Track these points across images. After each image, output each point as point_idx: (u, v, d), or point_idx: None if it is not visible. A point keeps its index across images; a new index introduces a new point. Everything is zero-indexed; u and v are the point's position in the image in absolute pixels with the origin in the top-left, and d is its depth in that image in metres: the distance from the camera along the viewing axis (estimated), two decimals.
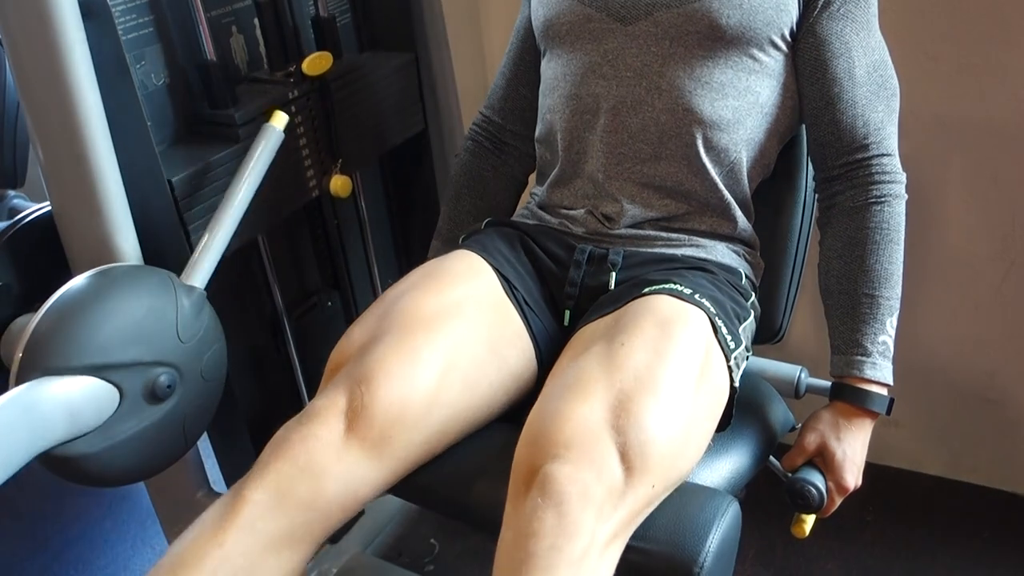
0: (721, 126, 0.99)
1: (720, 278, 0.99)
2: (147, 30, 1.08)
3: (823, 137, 1.01)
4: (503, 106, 1.21)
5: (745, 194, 1.04)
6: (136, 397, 0.96)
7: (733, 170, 1.02)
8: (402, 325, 0.90)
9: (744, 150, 1.01)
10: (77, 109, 0.92)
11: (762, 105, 1.01)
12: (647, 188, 1.02)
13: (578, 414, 0.77)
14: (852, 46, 0.98)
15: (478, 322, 0.94)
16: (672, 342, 0.84)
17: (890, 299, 0.97)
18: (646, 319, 0.86)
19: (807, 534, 0.99)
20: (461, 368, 0.90)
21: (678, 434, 0.79)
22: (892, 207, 0.98)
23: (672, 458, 0.79)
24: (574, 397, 0.79)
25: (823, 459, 0.96)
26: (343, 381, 0.87)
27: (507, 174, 1.22)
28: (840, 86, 0.98)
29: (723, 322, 0.90)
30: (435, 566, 1.57)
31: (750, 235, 1.07)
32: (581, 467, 0.74)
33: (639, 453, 0.75)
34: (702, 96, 0.98)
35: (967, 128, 1.32)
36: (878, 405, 0.95)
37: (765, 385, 1.09)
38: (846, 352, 0.97)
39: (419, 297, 0.93)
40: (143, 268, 1.00)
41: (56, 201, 1.00)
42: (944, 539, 1.50)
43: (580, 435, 0.75)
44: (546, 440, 0.77)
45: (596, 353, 0.84)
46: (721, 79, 0.98)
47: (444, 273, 0.98)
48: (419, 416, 0.87)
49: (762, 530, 1.52)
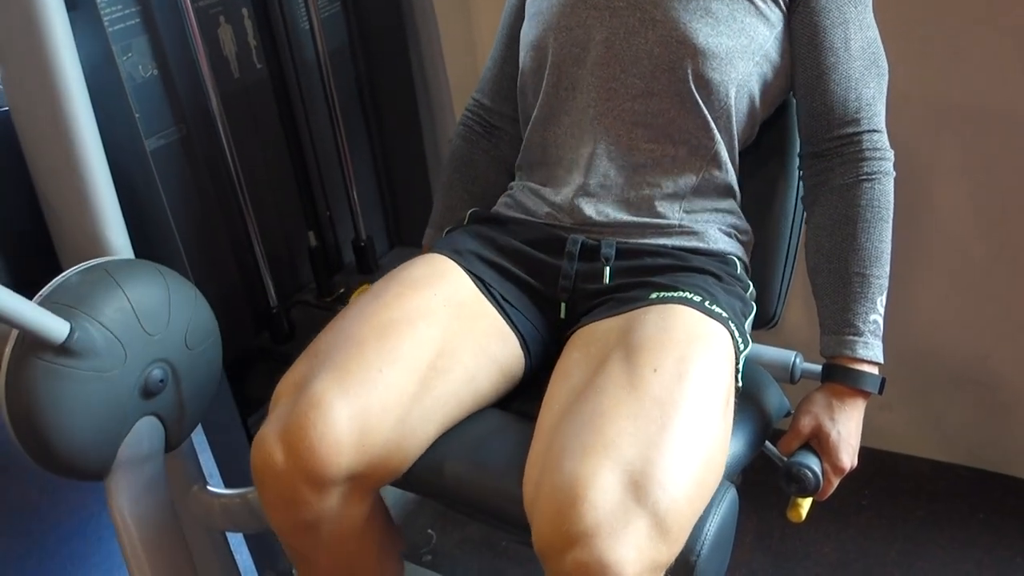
0: (712, 60, 0.95)
1: (723, 278, 0.97)
2: (133, 21, 1.07)
3: (815, 108, 1.00)
4: (492, 87, 1.19)
5: (733, 144, 1.02)
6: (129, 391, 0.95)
7: (724, 112, 0.99)
8: (352, 343, 0.88)
9: (734, 93, 0.98)
10: (64, 102, 0.92)
11: (754, 52, 0.98)
12: (637, 127, 0.99)
13: (600, 493, 0.73)
14: (849, 19, 0.97)
15: (447, 318, 0.93)
16: (698, 369, 0.82)
17: (880, 278, 0.96)
18: (666, 340, 0.84)
19: (803, 518, 0.99)
20: (430, 363, 0.89)
21: (701, 472, 0.78)
22: (882, 184, 0.97)
23: (699, 496, 0.79)
24: (594, 451, 0.75)
25: (818, 441, 0.96)
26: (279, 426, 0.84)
27: (498, 157, 1.20)
28: (836, 56, 0.97)
29: (736, 326, 0.90)
30: (433, 556, 1.57)
31: (739, 200, 1.05)
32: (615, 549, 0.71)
33: (670, 518, 0.74)
34: (696, 28, 0.95)
35: (959, 112, 1.32)
36: (871, 384, 0.95)
37: (760, 371, 1.09)
38: (837, 332, 0.96)
39: (372, 310, 0.92)
40: (136, 262, 1.00)
41: (45, 196, 1.00)
42: (939, 522, 1.51)
43: (606, 517, 0.72)
44: (569, 523, 0.73)
45: (616, 382, 0.81)
46: (717, 12, 0.96)
47: (404, 280, 0.97)
48: (394, 423, 0.86)
49: (759, 515, 1.52)
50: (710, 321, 0.88)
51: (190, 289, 1.01)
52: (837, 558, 1.46)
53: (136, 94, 1.08)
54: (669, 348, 0.83)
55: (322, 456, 0.82)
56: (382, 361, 0.87)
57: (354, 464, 0.84)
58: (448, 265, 0.99)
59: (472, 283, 0.98)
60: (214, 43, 1.18)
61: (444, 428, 0.92)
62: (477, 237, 1.05)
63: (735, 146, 1.02)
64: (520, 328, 0.98)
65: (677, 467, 0.75)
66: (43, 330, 0.85)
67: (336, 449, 0.82)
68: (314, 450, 0.82)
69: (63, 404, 0.88)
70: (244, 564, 1.37)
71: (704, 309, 0.89)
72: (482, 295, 0.98)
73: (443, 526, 1.62)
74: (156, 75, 1.11)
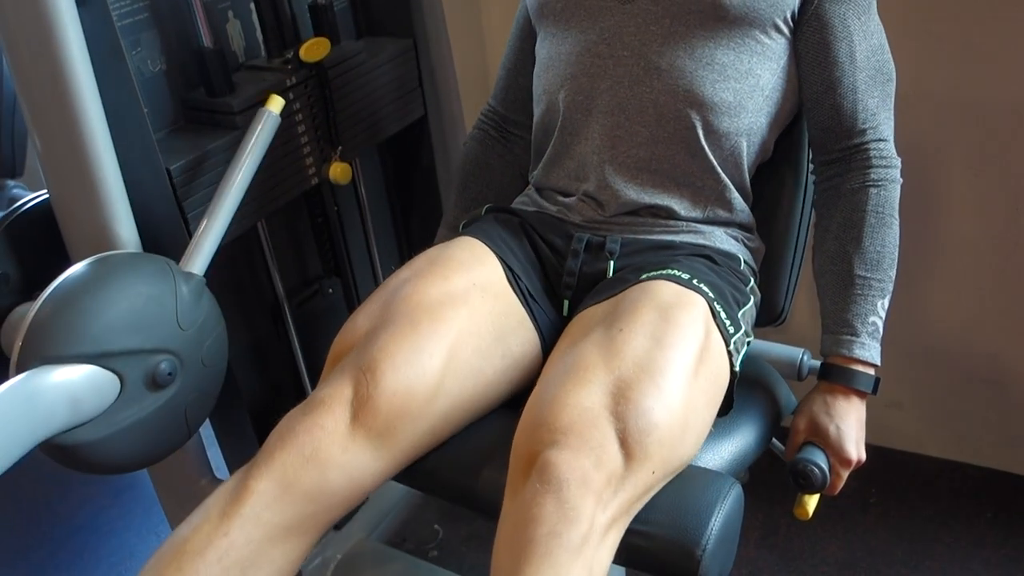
0: (722, 109, 0.98)
1: (719, 264, 0.98)
2: (142, 16, 1.07)
3: (824, 121, 1.01)
4: (505, 96, 1.20)
5: (744, 179, 1.04)
6: (137, 384, 0.96)
7: (732, 155, 1.01)
8: (406, 313, 0.89)
9: (744, 136, 1.00)
10: (73, 97, 0.92)
11: (763, 88, 1.00)
12: (643, 172, 1.01)
13: (576, 400, 0.77)
14: (853, 30, 0.97)
15: (482, 310, 0.93)
16: (671, 327, 0.83)
17: (882, 281, 0.97)
18: (644, 304, 0.86)
19: (810, 515, 0.99)
20: (465, 357, 0.90)
21: (677, 420, 0.79)
22: (888, 191, 0.98)
23: (672, 444, 0.79)
24: (572, 383, 0.79)
25: (819, 437, 0.96)
26: (348, 370, 0.86)
27: (513, 162, 1.21)
28: (841, 70, 0.98)
29: (721, 307, 0.90)
30: (439, 552, 1.57)
31: (748, 219, 1.06)
32: (580, 453, 0.74)
33: (638, 439, 0.75)
34: (703, 77, 0.97)
35: (970, 109, 1.31)
36: (863, 384, 0.95)
37: (767, 368, 1.09)
38: (835, 331, 0.97)
39: (423, 285, 0.93)
40: (142, 255, 1.00)
41: (54, 189, 1.00)
42: (946, 521, 1.50)
43: (579, 421, 0.75)
44: (544, 427, 0.76)
45: (594, 340, 0.84)
46: (723, 60, 0.97)
47: (448, 260, 0.97)
48: (423, 405, 0.86)
49: (765, 513, 1.52)
50: (687, 291, 0.88)
51: (201, 285, 1.02)
52: (844, 556, 1.46)
53: (144, 88, 1.08)
54: (644, 312, 0.85)
55: (379, 405, 0.83)
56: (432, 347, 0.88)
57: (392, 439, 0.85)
58: (484, 251, 1.00)
59: (503, 273, 0.99)
60: (222, 38, 1.18)
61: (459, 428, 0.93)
62: (502, 224, 1.05)
63: (746, 180, 1.04)
64: (540, 324, 0.99)
65: (655, 399, 0.77)
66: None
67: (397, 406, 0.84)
68: (376, 398, 0.83)
69: None
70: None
71: (684, 282, 0.89)
72: (511, 288, 0.98)
73: (450, 522, 1.62)
74: (164, 70, 1.12)
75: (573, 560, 0.71)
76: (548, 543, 0.70)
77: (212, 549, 0.77)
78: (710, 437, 0.94)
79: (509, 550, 0.73)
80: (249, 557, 0.78)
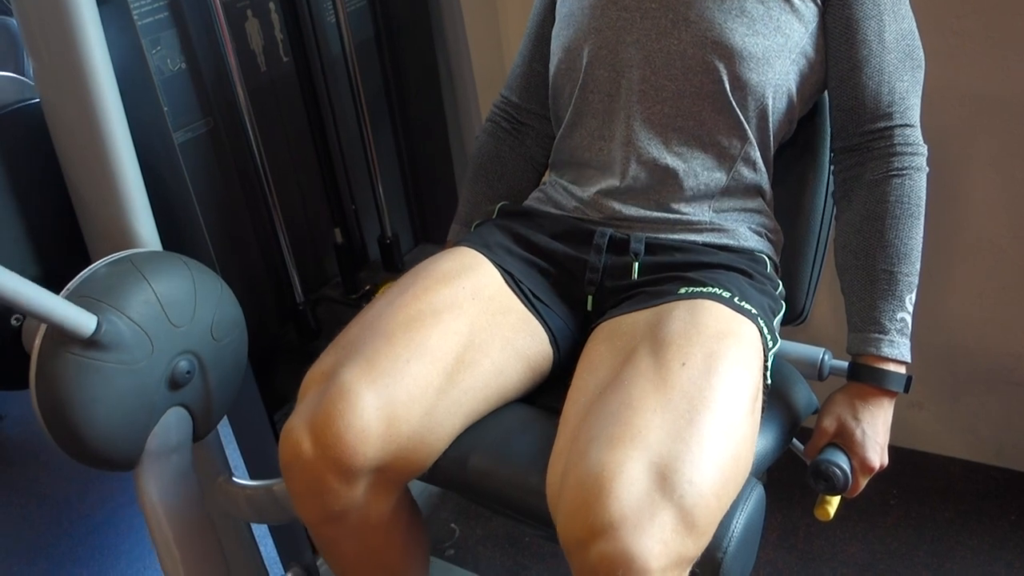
0: (750, 61, 0.94)
1: (754, 277, 0.96)
2: (162, 15, 1.08)
3: (847, 102, 0.98)
4: (519, 84, 1.18)
5: (768, 141, 1.00)
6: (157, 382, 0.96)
7: (759, 111, 0.98)
8: (380, 334, 0.88)
9: (771, 90, 0.97)
10: (93, 95, 0.92)
11: (791, 49, 0.96)
12: (668, 129, 0.98)
13: (627, 477, 0.72)
14: (884, 10, 0.95)
15: (474, 311, 0.93)
16: (726, 364, 0.81)
17: (909, 275, 0.94)
18: (694, 335, 0.83)
19: (831, 517, 0.98)
20: (457, 356, 0.89)
21: (730, 472, 0.77)
22: (913, 180, 0.95)
23: (728, 491, 0.78)
24: (622, 443, 0.75)
25: (844, 440, 0.94)
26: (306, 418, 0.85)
27: (525, 155, 1.20)
28: (869, 48, 0.95)
29: (764, 323, 0.89)
30: (456, 550, 1.57)
31: (770, 199, 1.04)
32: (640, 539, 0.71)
33: (697, 512, 0.73)
34: (732, 28, 0.94)
35: (993, 106, 1.30)
36: (895, 384, 0.93)
37: (788, 367, 1.08)
38: (863, 330, 0.95)
39: (402, 302, 0.92)
40: (162, 254, 1.00)
41: (75, 188, 1.00)
42: (968, 523, 1.48)
43: (632, 510, 0.72)
44: (595, 514, 0.72)
45: (643, 375, 0.80)
46: (752, 12, 0.94)
47: (433, 273, 0.96)
48: (420, 416, 0.86)
49: (785, 514, 1.51)
50: (739, 317, 0.87)
51: (216, 281, 1.02)
52: (864, 559, 1.44)
53: (165, 87, 1.09)
54: (697, 343, 0.82)
55: (349, 445, 0.82)
56: (409, 353, 0.87)
57: (380, 455, 0.84)
58: (476, 258, 0.99)
59: (500, 277, 0.98)
60: (241, 37, 1.19)
61: (470, 422, 0.92)
62: (504, 231, 1.04)
63: (770, 145, 1.01)
64: (548, 322, 0.98)
65: (705, 461, 0.74)
66: (71, 324, 0.86)
67: (363, 438, 0.82)
68: (341, 439, 0.82)
69: (92, 396, 0.89)
70: (268, 555, 1.38)
71: (733, 305, 0.88)
72: (510, 289, 0.97)
73: (467, 521, 1.62)
74: (184, 69, 1.12)
75: None
76: None
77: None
78: None
79: None
80: None
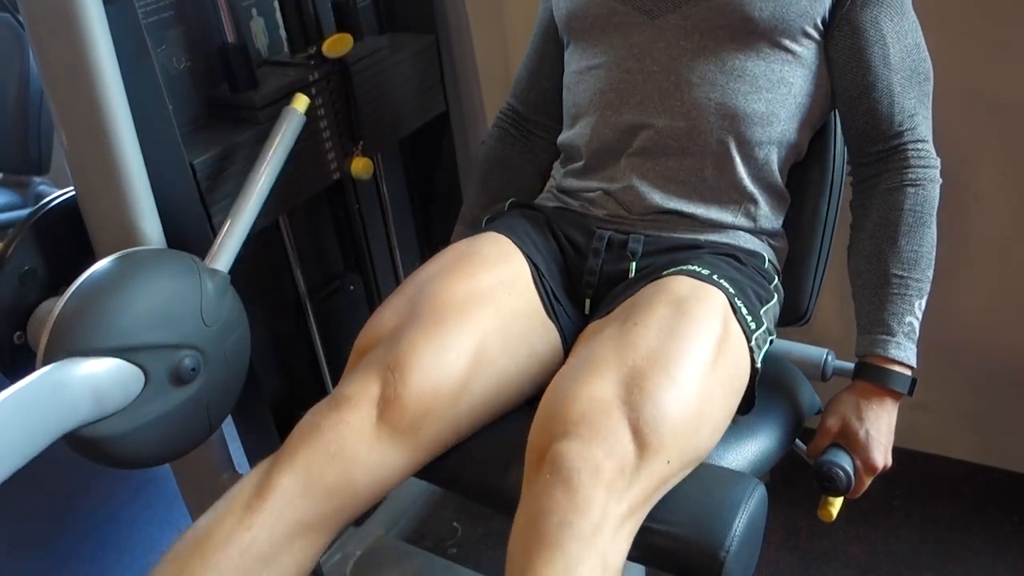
0: (755, 120, 0.97)
1: (744, 263, 0.97)
2: (167, 13, 1.08)
3: (858, 126, 1.00)
4: (527, 98, 1.20)
5: (776, 184, 1.03)
6: (161, 379, 0.96)
7: (766, 165, 1.00)
8: (433, 309, 0.89)
9: (776, 144, 0.99)
10: (99, 93, 0.93)
11: (795, 95, 0.99)
12: (670, 182, 1.00)
13: (589, 392, 0.76)
14: (886, 32, 0.95)
15: (508, 308, 0.93)
16: (686, 319, 0.83)
17: (920, 281, 0.95)
18: (660, 299, 0.86)
19: (834, 518, 0.98)
20: (491, 356, 0.90)
21: (692, 409, 0.78)
22: (926, 191, 0.96)
23: (687, 434, 0.78)
24: (585, 376, 0.78)
25: (847, 440, 0.95)
26: (374, 366, 0.86)
27: (533, 160, 1.21)
28: (875, 74, 0.96)
29: (742, 302, 0.89)
30: (458, 549, 1.57)
31: (773, 226, 1.05)
32: (591, 443, 0.73)
33: (652, 428, 0.75)
34: (735, 89, 0.96)
35: (1000, 106, 1.29)
36: (899, 385, 0.94)
37: (791, 367, 1.08)
38: (870, 331, 0.95)
39: (451, 281, 0.92)
40: (167, 251, 1.01)
41: (80, 185, 1.01)
42: (971, 524, 1.48)
43: (590, 411, 0.75)
44: (557, 419, 0.76)
45: (608, 334, 0.83)
46: (754, 71, 0.96)
47: (475, 256, 0.97)
48: (449, 404, 0.86)
49: (787, 514, 1.51)
50: (706, 285, 0.88)
51: (220, 279, 1.02)
52: (866, 560, 1.44)
53: (169, 85, 1.09)
54: (658, 307, 0.84)
55: (406, 404, 0.83)
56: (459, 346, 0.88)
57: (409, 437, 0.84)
58: (510, 247, 0.99)
59: (529, 270, 0.98)
60: (246, 34, 1.19)
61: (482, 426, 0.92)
62: (528, 220, 1.05)
63: (778, 182, 1.03)
64: (561, 321, 0.98)
65: (664, 390, 0.77)
66: None
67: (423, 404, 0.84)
68: (402, 397, 0.83)
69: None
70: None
71: (703, 277, 0.89)
72: (534, 286, 0.98)
73: (468, 519, 1.62)
74: (188, 67, 1.12)
75: (585, 550, 0.70)
76: (559, 533, 0.70)
77: (234, 543, 0.77)
78: (733, 437, 0.93)
79: (522, 542, 0.73)
80: (270, 552, 0.78)
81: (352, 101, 1.26)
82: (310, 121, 1.19)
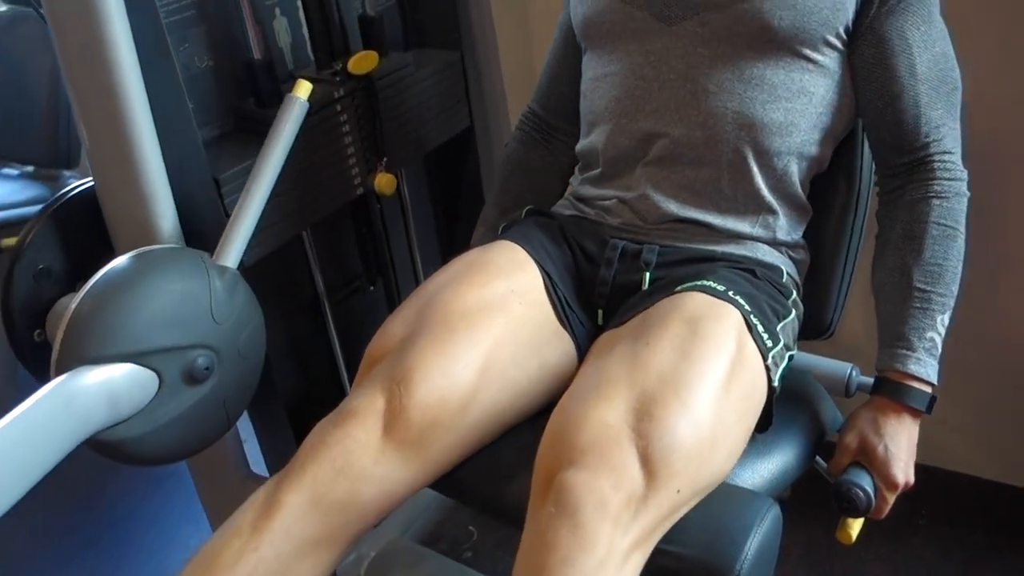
0: (773, 130, 0.95)
1: (760, 277, 0.95)
2: (189, 12, 1.08)
3: (885, 137, 0.97)
4: (547, 103, 1.20)
5: (796, 196, 1.00)
6: (175, 380, 0.97)
7: (784, 176, 0.98)
8: (442, 320, 0.88)
9: (796, 155, 0.97)
10: (120, 91, 0.93)
11: (816, 105, 0.96)
12: (685, 191, 0.99)
13: (597, 417, 0.75)
14: (913, 42, 0.93)
15: (519, 318, 0.92)
16: (699, 339, 0.81)
17: (943, 296, 0.92)
18: (673, 317, 0.84)
19: (853, 540, 0.95)
20: (501, 367, 0.88)
21: (705, 436, 0.76)
22: (952, 203, 0.94)
23: (700, 461, 0.76)
24: (595, 399, 0.77)
25: (866, 457, 0.92)
26: (380, 379, 0.85)
27: (555, 163, 1.20)
28: (901, 84, 0.94)
29: (759, 319, 0.87)
30: (473, 553, 1.56)
31: (792, 238, 1.03)
32: (598, 473, 0.72)
33: (662, 457, 0.73)
34: (752, 98, 0.94)
35: None
36: (918, 401, 0.91)
37: (812, 382, 1.05)
38: (891, 345, 0.93)
39: (461, 290, 0.91)
40: (176, 250, 1.01)
41: (100, 181, 1.02)
42: (998, 547, 1.45)
43: (599, 439, 0.73)
44: (564, 444, 0.75)
45: (619, 353, 0.82)
46: (773, 80, 0.94)
47: (487, 265, 0.96)
48: (457, 416, 0.85)
49: (807, 531, 1.48)
50: (720, 303, 0.86)
51: (235, 278, 1.02)
52: None
53: (190, 85, 1.09)
54: (671, 325, 0.82)
55: (412, 417, 0.82)
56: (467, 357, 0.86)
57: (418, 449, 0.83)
58: (523, 256, 0.98)
59: (542, 280, 0.97)
60: (269, 36, 1.19)
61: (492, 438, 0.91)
62: (543, 230, 1.04)
63: (799, 194, 1.01)
64: (575, 332, 0.97)
65: (675, 417, 0.75)
66: None
67: (430, 417, 0.83)
68: (408, 410, 0.82)
69: None
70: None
71: (718, 294, 0.87)
72: (547, 296, 0.96)
73: (484, 523, 1.61)
74: (211, 66, 1.12)
75: None
76: (562, 570, 0.68)
77: (243, 564, 0.77)
78: (750, 454, 0.91)
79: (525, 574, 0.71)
80: (279, 571, 0.78)
81: (377, 117, 1.25)
82: (335, 137, 1.18)
